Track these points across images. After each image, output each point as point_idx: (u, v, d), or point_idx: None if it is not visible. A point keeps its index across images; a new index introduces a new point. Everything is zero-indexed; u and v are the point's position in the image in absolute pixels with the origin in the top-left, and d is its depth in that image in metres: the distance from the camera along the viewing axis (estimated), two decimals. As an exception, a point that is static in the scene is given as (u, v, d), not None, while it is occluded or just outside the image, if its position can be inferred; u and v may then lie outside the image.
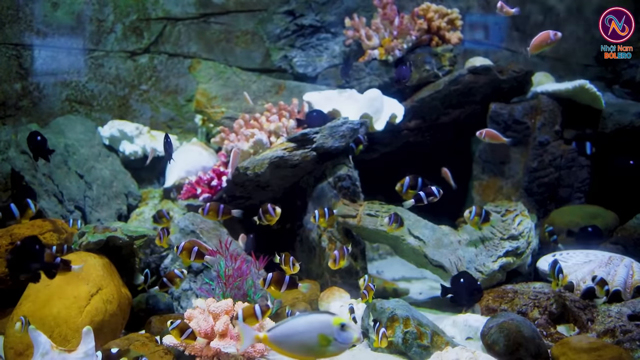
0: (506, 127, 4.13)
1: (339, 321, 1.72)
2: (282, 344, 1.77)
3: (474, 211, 3.11)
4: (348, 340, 1.72)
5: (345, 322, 1.72)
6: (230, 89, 4.52)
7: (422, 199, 2.99)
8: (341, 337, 1.71)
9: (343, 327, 1.71)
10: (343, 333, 1.72)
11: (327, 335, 1.71)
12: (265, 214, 2.94)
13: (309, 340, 1.73)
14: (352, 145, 3.65)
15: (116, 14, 4.72)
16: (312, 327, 1.73)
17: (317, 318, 1.75)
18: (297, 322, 1.76)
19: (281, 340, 1.77)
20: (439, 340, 2.51)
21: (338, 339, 1.71)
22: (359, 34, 4.54)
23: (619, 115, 4.16)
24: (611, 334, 2.66)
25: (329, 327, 1.72)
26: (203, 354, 2.44)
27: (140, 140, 4.41)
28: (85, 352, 2.11)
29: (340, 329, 1.71)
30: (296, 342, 1.75)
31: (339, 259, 2.86)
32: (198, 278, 3.29)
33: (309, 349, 1.74)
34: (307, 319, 1.76)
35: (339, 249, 2.92)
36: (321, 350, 1.73)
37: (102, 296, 2.72)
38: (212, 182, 3.88)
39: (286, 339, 1.76)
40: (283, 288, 2.47)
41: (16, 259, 2.30)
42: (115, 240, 3.16)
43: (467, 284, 2.91)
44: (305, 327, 1.74)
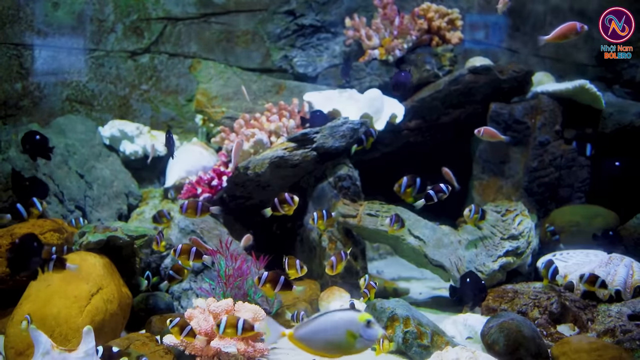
0: (506, 127, 4.13)
1: (365, 318, 1.72)
2: (308, 341, 1.78)
3: (473, 209, 3.11)
4: (374, 336, 1.73)
5: (370, 319, 1.73)
6: (231, 89, 4.53)
7: (432, 196, 2.96)
8: (367, 333, 1.72)
9: (369, 323, 1.72)
10: (369, 330, 1.72)
11: (354, 332, 1.71)
12: (283, 204, 2.86)
13: (335, 338, 1.73)
14: (362, 137, 3.62)
15: (117, 13, 4.72)
16: (338, 324, 1.73)
17: (343, 315, 1.75)
18: (323, 320, 1.76)
19: (307, 338, 1.77)
20: (439, 340, 2.51)
21: (364, 335, 1.72)
22: (360, 34, 4.54)
23: (619, 115, 4.16)
24: (611, 333, 2.67)
25: (355, 323, 1.71)
26: (203, 353, 2.44)
27: (140, 140, 4.41)
28: (85, 351, 2.11)
29: (366, 325, 1.72)
30: (322, 340, 1.76)
31: (336, 264, 2.81)
32: (198, 278, 3.30)
33: (335, 346, 1.74)
34: (333, 316, 1.76)
35: (336, 255, 2.86)
36: (347, 347, 1.74)
37: (102, 296, 2.72)
38: (212, 182, 3.88)
39: (312, 337, 1.77)
40: (277, 288, 2.45)
41: (15, 256, 2.33)
42: (116, 240, 3.16)
43: (474, 283, 2.90)
44: (332, 325, 1.74)
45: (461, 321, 2.84)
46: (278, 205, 2.86)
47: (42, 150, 3.13)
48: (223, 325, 2.30)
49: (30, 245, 2.41)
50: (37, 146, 3.10)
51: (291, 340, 1.80)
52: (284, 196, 2.86)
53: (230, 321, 2.31)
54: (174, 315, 2.96)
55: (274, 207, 2.87)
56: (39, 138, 3.11)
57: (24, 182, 3.77)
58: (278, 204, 2.86)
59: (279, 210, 2.87)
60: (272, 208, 2.88)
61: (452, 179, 3.75)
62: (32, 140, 3.10)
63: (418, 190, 2.95)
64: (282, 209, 2.86)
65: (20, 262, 2.40)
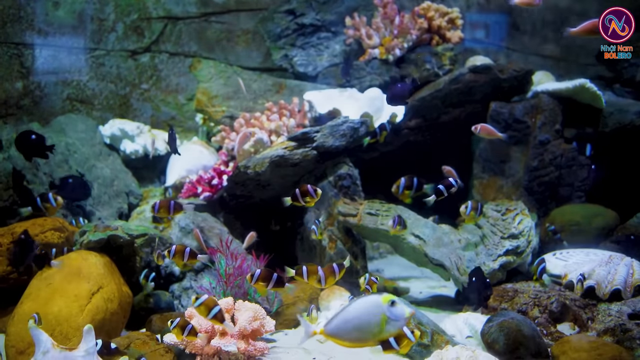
0: (506, 126, 4.13)
1: (388, 299, 1.72)
2: (340, 333, 1.78)
3: (470, 206, 3.09)
4: (401, 315, 1.72)
5: (394, 299, 1.73)
6: (231, 88, 4.53)
7: (443, 191, 2.92)
8: (393, 314, 1.72)
9: (393, 303, 1.72)
10: (394, 309, 1.72)
11: (382, 315, 1.71)
12: (305, 196, 2.73)
13: (366, 324, 1.73)
14: (376, 130, 3.60)
15: (117, 13, 4.72)
16: (365, 311, 1.73)
17: (367, 300, 1.75)
18: (349, 310, 1.77)
19: (339, 330, 1.78)
20: (439, 339, 2.51)
21: (391, 316, 1.71)
22: (360, 33, 4.54)
23: (620, 114, 4.15)
24: (611, 332, 2.67)
25: (380, 306, 1.72)
26: (204, 352, 2.44)
27: (141, 139, 4.41)
28: (86, 350, 2.11)
29: (390, 306, 1.72)
30: (354, 329, 1.76)
31: (324, 279, 2.49)
32: (199, 276, 3.30)
33: (367, 333, 1.74)
34: (357, 304, 1.76)
35: (325, 270, 2.48)
36: (379, 332, 1.73)
37: (103, 295, 2.72)
38: (212, 181, 3.88)
39: (343, 328, 1.77)
40: (270, 285, 2.43)
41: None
42: (116, 239, 3.16)
43: (481, 282, 2.87)
44: (359, 313, 1.74)
45: (461, 320, 2.84)
46: (299, 197, 2.72)
47: (39, 150, 3.10)
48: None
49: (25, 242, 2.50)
50: (32, 146, 3.07)
51: (324, 335, 1.80)
52: (306, 187, 2.72)
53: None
54: (175, 314, 2.97)
55: (295, 197, 2.75)
56: (35, 138, 3.08)
57: (64, 179, 3.74)
58: (299, 196, 2.73)
59: (299, 201, 2.73)
60: (293, 198, 2.76)
61: (455, 176, 3.73)
62: (28, 140, 3.07)
63: (415, 191, 2.93)
64: (304, 200, 2.72)
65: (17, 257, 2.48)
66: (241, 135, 3.72)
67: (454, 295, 3.62)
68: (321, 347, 2.74)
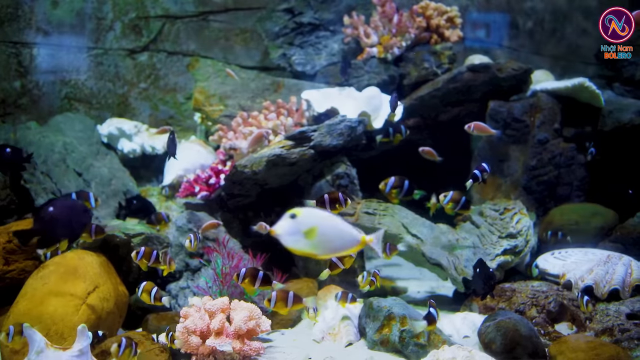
0: (505, 125, 4.12)
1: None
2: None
3: (450, 196, 3.03)
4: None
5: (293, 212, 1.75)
6: (229, 87, 4.52)
7: (478, 176, 2.90)
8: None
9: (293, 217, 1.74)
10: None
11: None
12: (335, 203, 2.55)
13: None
14: (390, 131, 3.56)
15: (115, 12, 4.72)
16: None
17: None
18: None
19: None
20: (435, 338, 2.51)
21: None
22: (358, 32, 4.53)
23: (619, 113, 4.14)
24: (609, 332, 2.66)
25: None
26: (199, 352, 2.44)
27: (138, 138, 4.41)
28: (80, 349, 2.10)
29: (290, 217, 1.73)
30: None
31: (274, 301, 2.44)
32: (196, 276, 3.29)
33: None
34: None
35: (277, 293, 2.45)
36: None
37: (99, 294, 2.72)
38: (210, 180, 3.88)
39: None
40: (257, 284, 2.41)
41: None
42: (113, 239, 3.16)
43: (485, 273, 2.82)
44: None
45: (458, 320, 2.83)
46: (328, 203, 2.55)
47: (15, 163, 3.03)
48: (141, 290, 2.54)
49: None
50: (7, 161, 3.00)
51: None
52: (337, 194, 2.56)
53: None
54: (172, 314, 2.97)
55: (321, 203, 2.56)
56: (10, 151, 3.01)
57: (130, 202, 3.74)
58: (328, 202, 2.55)
59: (325, 207, 2.56)
60: (319, 203, 2.57)
61: (435, 155, 3.63)
62: (2, 155, 3.00)
63: (405, 193, 2.90)
64: (332, 207, 2.56)
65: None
66: (256, 134, 3.69)
67: (451, 294, 3.61)
68: (318, 346, 2.73)
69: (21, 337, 2.14)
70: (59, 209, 2.52)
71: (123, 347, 2.21)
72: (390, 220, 3.37)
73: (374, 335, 2.63)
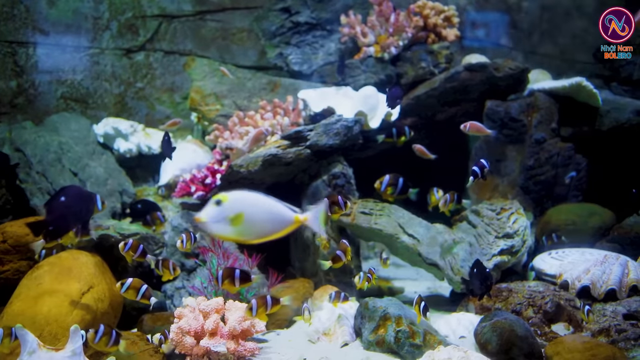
0: (502, 125, 4.11)
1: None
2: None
3: (445, 196, 3.03)
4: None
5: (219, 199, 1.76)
6: (225, 87, 4.50)
7: (478, 173, 2.87)
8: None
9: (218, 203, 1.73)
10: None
11: None
12: (334, 206, 2.54)
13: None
14: (394, 131, 3.53)
15: (111, 11, 4.70)
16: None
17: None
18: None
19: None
20: (431, 339, 2.49)
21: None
22: (355, 31, 4.51)
23: (616, 113, 4.13)
24: (606, 333, 2.65)
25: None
26: (193, 352, 2.42)
27: (135, 137, 4.39)
28: (72, 350, 2.09)
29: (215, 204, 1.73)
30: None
31: (256, 309, 2.41)
32: (191, 276, 3.28)
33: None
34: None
35: (257, 300, 2.41)
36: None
37: (93, 294, 2.71)
38: (206, 180, 3.86)
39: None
40: (237, 284, 2.37)
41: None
42: (108, 239, 3.15)
43: (482, 273, 2.81)
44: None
45: (455, 320, 2.82)
46: (328, 207, 2.47)
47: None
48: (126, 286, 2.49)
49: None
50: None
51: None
52: (336, 198, 2.55)
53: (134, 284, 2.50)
54: (167, 314, 2.95)
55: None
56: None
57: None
58: (329, 206, 2.50)
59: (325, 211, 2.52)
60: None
61: (427, 154, 3.62)
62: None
63: (400, 191, 2.89)
64: (332, 211, 2.54)
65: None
66: (256, 132, 3.66)
67: (448, 295, 3.60)
68: (313, 347, 2.72)
69: (11, 340, 2.12)
70: (71, 197, 2.54)
71: (100, 334, 2.16)
72: (387, 220, 3.36)
73: (369, 335, 2.62)
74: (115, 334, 2.22)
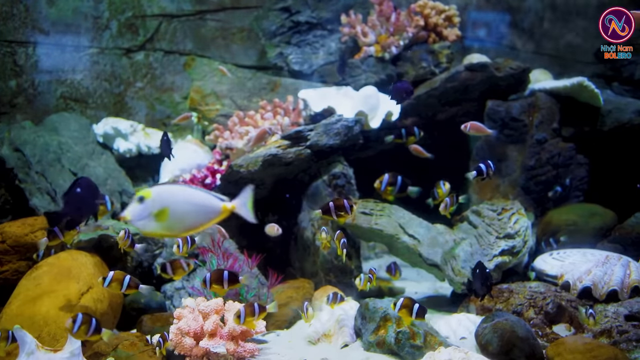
0: (503, 125, 4.09)
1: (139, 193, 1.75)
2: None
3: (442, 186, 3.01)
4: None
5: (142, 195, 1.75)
6: (225, 86, 4.49)
7: (483, 171, 2.87)
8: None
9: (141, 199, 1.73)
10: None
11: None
12: (340, 211, 2.52)
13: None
14: (403, 132, 3.52)
15: (111, 10, 4.68)
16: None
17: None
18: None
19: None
20: (432, 340, 2.48)
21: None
22: (355, 31, 4.50)
23: (618, 113, 4.11)
24: (608, 334, 2.63)
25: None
26: (192, 353, 2.41)
27: (134, 137, 4.37)
28: (71, 351, 2.08)
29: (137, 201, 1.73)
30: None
31: (244, 316, 2.36)
32: (191, 276, 3.27)
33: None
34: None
35: (245, 308, 2.37)
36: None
37: (92, 295, 2.70)
38: (206, 180, 3.85)
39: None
40: (225, 285, 2.35)
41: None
42: (107, 239, 3.14)
43: (483, 274, 2.79)
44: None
45: (455, 321, 2.81)
46: (333, 211, 2.52)
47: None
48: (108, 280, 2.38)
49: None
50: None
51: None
52: (342, 202, 2.52)
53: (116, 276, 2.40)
54: (166, 315, 2.94)
55: (326, 211, 2.53)
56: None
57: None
58: (333, 210, 2.51)
59: (332, 215, 2.53)
60: (324, 211, 2.54)
61: (424, 153, 3.60)
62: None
63: (399, 190, 2.87)
64: (336, 215, 2.52)
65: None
66: (260, 131, 3.64)
67: (449, 295, 3.58)
68: (313, 348, 2.71)
69: (7, 343, 2.10)
70: (84, 189, 2.57)
71: (79, 323, 2.07)
72: (387, 220, 3.35)
73: (369, 336, 2.60)
74: (95, 322, 2.12)
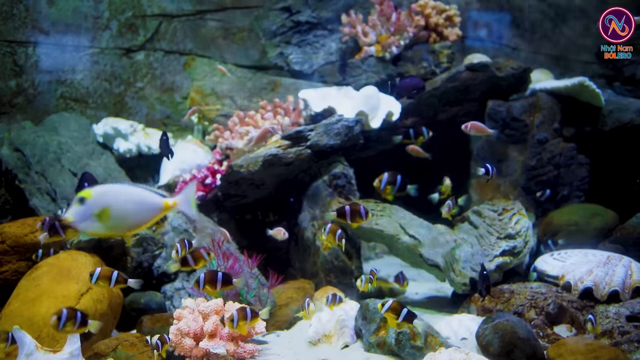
0: (504, 125, 4.08)
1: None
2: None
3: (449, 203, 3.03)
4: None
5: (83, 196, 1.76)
6: (226, 86, 4.48)
7: (490, 169, 2.89)
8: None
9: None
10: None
11: None
12: (355, 215, 2.54)
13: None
14: (411, 132, 3.51)
15: (111, 10, 4.68)
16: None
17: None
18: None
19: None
20: (433, 341, 2.47)
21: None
22: (356, 31, 4.49)
23: (619, 113, 4.11)
24: (609, 335, 2.62)
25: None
26: (192, 354, 2.40)
27: (134, 137, 4.37)
28: (70, 352, 2.07)
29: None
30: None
31: (236, 320, 2.35)
32: (191, 277, 3.26)
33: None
34: None
35: (237, 312, 2.36)
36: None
37: (92, 295, 2.68)
38: (206, 180, 3.84)
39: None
40: (218, 287, 2.34)
41: None
42: (107, 239, 3.13)
43: (481, 274, 2.80)
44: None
45: (456, 322, 2.80)
46: (348, 215, 2.52)
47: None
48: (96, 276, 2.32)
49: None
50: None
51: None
52: (358, 207, 2.51)
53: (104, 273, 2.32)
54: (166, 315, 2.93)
55: (342, 214, 2.53)
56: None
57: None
58: (349, 214, 2.52)
59: (346, 219, 2.53)
60: (339, 215, 2.53)
61: (423, 153, 3.59)
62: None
63: (398, 189, 2.87)
64: (351, 219, 2.52)
65: None
66: (263, 130, 3.64)
67: (450, 296, 3.57)
68: (313, 348, 2.70)
69: (7, 344, 2.09)
70: (92, 184, 2.62)
71: (64, 318, 2.02)
72: (388, 220, 3.34)
73: (370, 337, 2.59)
74: (81, 315, 2.07)
